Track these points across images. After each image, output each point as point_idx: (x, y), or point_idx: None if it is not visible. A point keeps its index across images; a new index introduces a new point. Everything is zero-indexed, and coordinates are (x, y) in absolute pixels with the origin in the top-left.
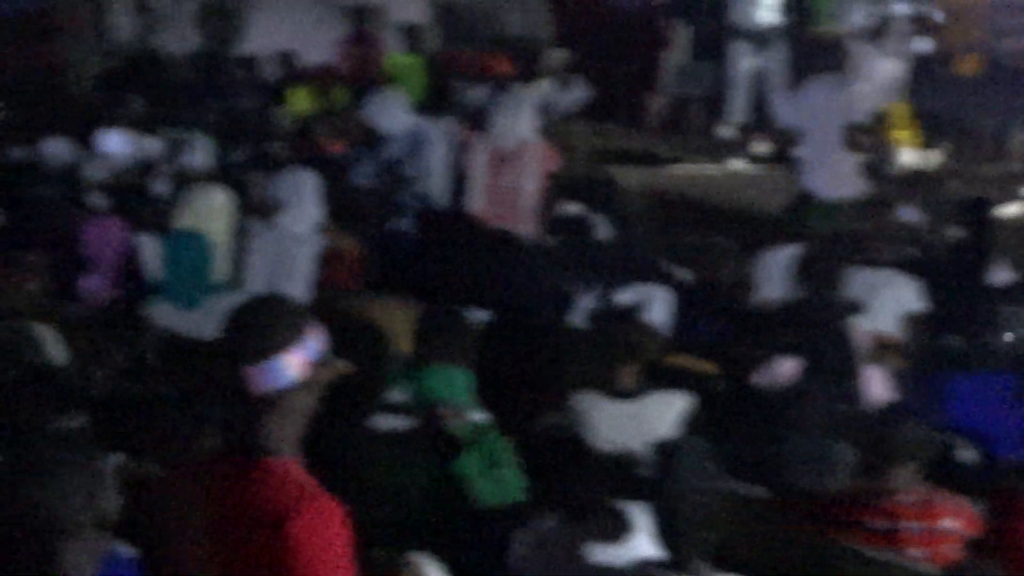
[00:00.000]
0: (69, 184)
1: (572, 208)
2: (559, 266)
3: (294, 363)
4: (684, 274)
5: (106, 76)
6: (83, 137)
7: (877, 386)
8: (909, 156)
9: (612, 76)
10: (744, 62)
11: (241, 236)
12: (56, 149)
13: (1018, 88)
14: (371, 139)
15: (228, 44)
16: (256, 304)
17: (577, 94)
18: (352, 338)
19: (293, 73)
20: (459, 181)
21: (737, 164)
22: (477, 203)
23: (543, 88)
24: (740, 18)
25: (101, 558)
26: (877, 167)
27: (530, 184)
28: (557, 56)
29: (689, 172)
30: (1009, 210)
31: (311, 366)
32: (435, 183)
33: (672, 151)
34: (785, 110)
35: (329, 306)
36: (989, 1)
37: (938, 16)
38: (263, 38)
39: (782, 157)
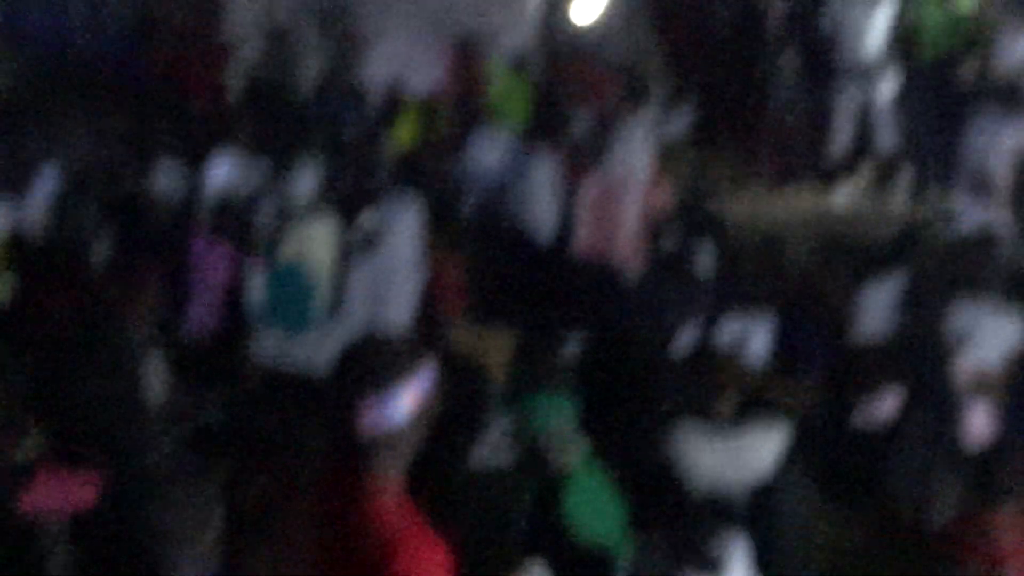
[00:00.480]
0: (181, 208)
1: (675, 239)
2: (661, 298)
3: (408, 399)
4: (787, 306)
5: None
6: (198, 158)
7: (980, 421)
8: None
9: (719, 103)
10: (851, 92)
11: (345, 264)
12: (169, 172)
13: None
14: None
15: (338, 72)
16: (369, 339)
17: (684, 121)
18: (455, 369)
19: (400, 101)
20: (564, 211)
21: (844, 194)
22: (582, 234)
23: (651, 115)
24: (847, 48)
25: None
26: None
27: (636, 216)
28: (664, 82)
29: (795, 202)
30: None
31: (422, 401)
32: (539, 213)
33: (778, 180)
34: (978, 147)
35: (432, 336)
36: None
37: None
38: (372, 66)
39: (888, 186)
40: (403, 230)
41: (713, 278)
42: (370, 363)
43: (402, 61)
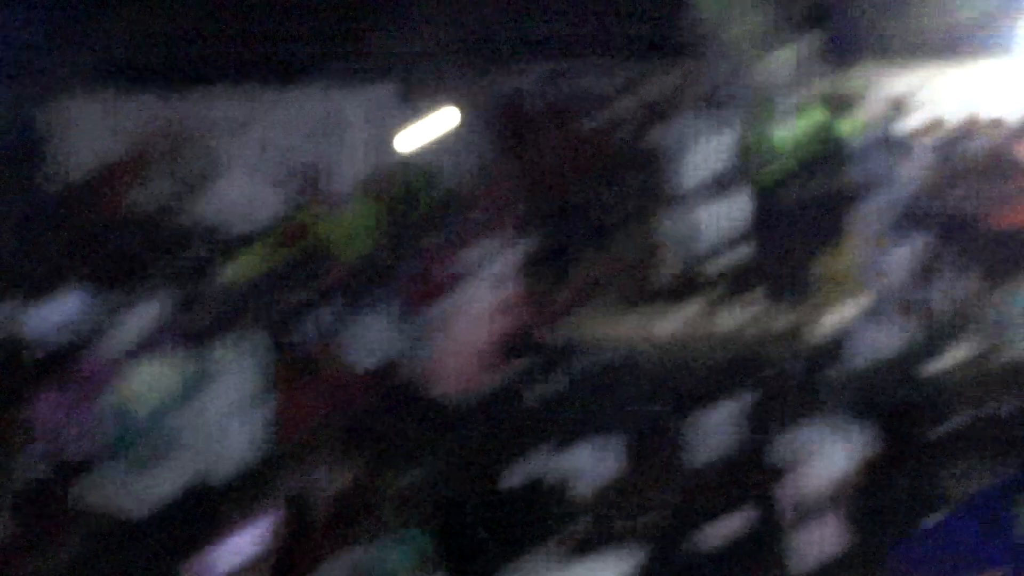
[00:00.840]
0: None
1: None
2: (506, 426)
3: (239, 548)
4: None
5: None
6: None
7: (820, 537)
8: None
9: (563, 228)
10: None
11: (181, 403)
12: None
13: None
14: None
15: (180, 205)
16: (198, 486)
17: (528, 246)
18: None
19: (242, 235)
20: (409, 339)
21: (689, 315)
22: (429, 362)
23: (496, 241)
24: (691, 169)
25: None
26: None
27: (482, 343)
28: (508, 208)
29: (642, 324)
30: None
31: (256, 549)
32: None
33: (625, 303)
34: None
35: (273, 478)
36: None
37: None
38: (214, 200)
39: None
40: (243, 366)
41: (558, 405)
42: (198, 512)
43: (244, 195)
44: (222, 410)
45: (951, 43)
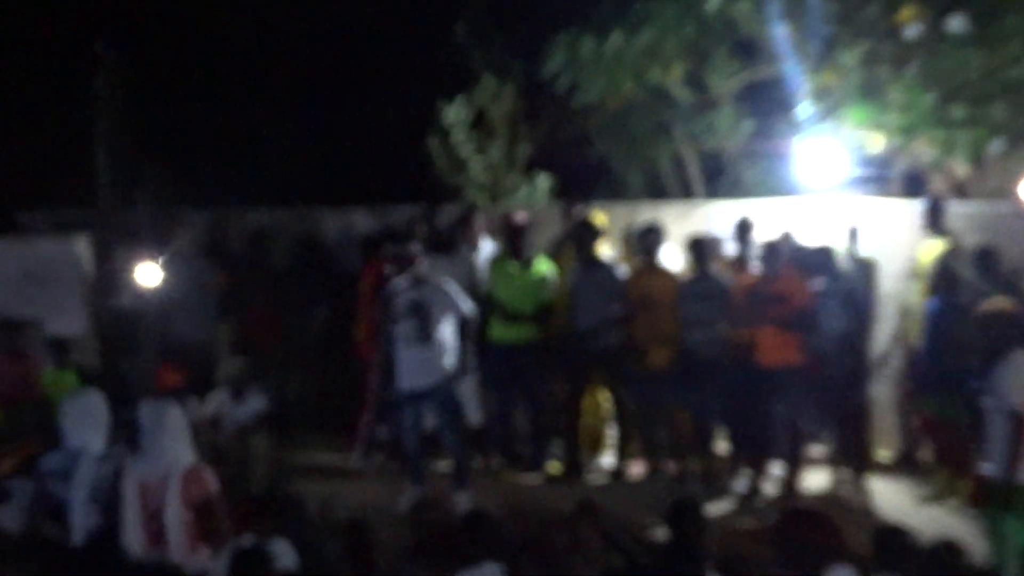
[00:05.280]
0: None
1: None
2: None
3: None
4: None
5: None
6: None
7: None
8: None
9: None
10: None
11: None
12: None
13: None
14: None
15: None
16: None
17: (254, 406)
18: None
19: None
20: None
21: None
22: (131, 530)
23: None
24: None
25: None
26: None
27: (185, 509)
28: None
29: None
30: None
31: None
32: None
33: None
34: None
35: None
36: None
37: None
38: None
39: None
40: None
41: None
42: None
43: None
44: None
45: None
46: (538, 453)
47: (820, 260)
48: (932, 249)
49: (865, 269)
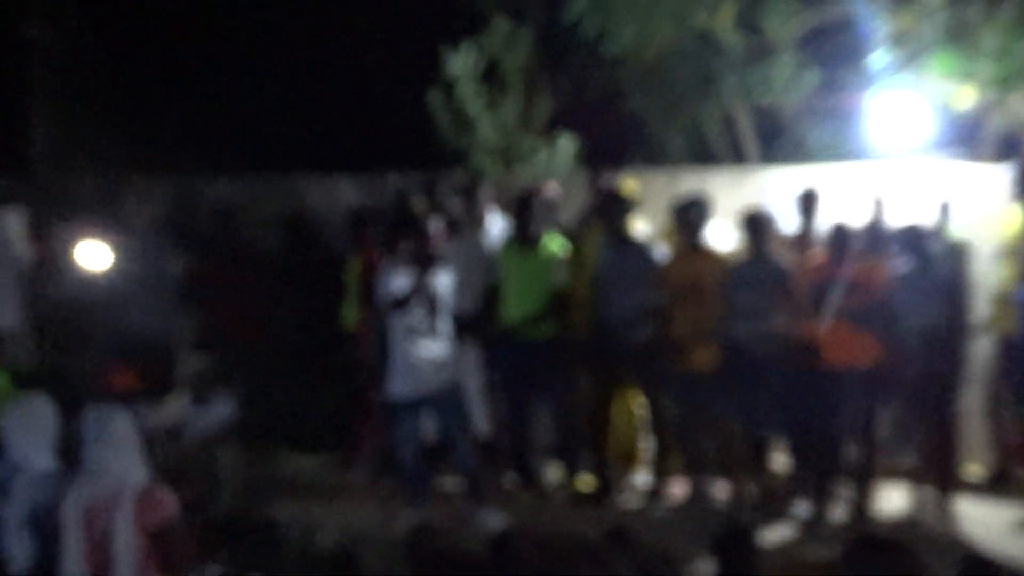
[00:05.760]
0: None
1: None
2: None
3: None
4: None
5: None
6: None
7: None
8: None
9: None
10: None
11: None
12: None
13: None
14: None
15: None
16: None
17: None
18: None
19: None
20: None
21: None
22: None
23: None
24: None
25: None
26: None
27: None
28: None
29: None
30: None
31: None
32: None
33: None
34: None
35: None
36: None
37: None
38: None
39: None
40: None
41: None
42: None
43: None
44: None
45: None
46: (569, 467)
47: (907, 240)
48: (1014, 220)
49: (958, 252)
